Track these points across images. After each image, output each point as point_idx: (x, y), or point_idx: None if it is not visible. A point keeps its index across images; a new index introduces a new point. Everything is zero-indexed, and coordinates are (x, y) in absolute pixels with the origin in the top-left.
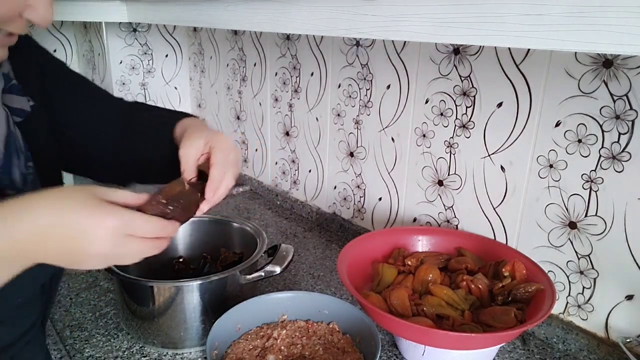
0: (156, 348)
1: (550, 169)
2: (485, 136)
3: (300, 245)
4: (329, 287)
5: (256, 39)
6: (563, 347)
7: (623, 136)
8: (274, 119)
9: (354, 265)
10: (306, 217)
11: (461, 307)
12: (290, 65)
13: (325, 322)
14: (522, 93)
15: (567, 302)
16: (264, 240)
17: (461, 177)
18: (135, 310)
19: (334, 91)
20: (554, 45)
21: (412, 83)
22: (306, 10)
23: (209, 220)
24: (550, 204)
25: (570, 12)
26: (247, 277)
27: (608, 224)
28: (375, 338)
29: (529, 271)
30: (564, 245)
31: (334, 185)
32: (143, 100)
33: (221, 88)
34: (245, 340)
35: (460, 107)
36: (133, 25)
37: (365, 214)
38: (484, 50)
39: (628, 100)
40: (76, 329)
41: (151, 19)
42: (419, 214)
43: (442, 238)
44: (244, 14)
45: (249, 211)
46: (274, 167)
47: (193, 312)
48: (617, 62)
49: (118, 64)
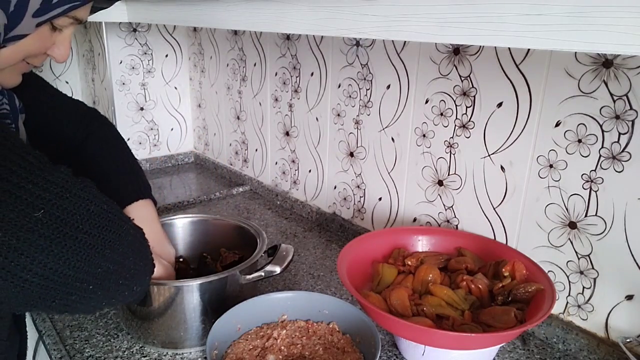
0: (156, 348)
1: (550, 169)
2: (485, 136)
3: (300, 245)
4: (329, 287)
5: (256, 39)
6: (563, 347)
7: (623, 136)
8: (274, 119)
9: (354, 265)
10: (306, 217)
11: (461, 307)
12: (290, 65)
13: (325, 322)
14: (522, 93)
15: (567, 302)
16: (264, 240)
17: (461, 177)
18: (135, 310)
19: (334, 91)
20: (554, 45)
21: (412, 83)
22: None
23: (209, 220)
24: (550, 204)
25: (570, 12)
26: (247, 277)
27: (608, 224)
28: (375, 338)
29: (529, 271)
30: (564, 245)
31: (334, 185)
32: (143, 100)
33: (221, 88)
34: (245, 340)
35: (460, 107)
36: (133, 25)
37: (365, 214)
38: (484, 50)
39: (628, 100)
40: (76, 329)
41: (151, 19)
42: (419, 214)
43: (442, 238)
44: (244, 14)
45: (249, 211)
46: (274, 167)
47: (193, 312)
48: (617, 62)
49: (118, 64)
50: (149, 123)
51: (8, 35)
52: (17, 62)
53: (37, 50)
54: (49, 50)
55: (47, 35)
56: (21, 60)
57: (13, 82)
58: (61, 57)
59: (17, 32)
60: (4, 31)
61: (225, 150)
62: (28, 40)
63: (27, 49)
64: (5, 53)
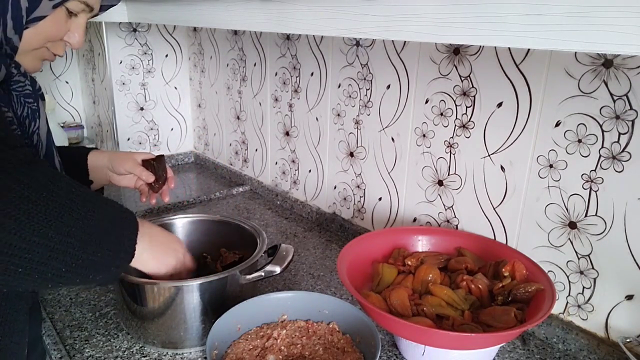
0: (156, 348)
1: (550, 169)
2: (485, 136)
3: (300, 245)
4: (329, 287)
5: (256, 39)
6: (563, 347)
7: (623, 136)
8: (274, 119)
9: (354, 265)
10: (306, 217)
11: (461, 307)
12: (290, 65)
13: (325, 322)
14: (522, 93)
15: (567, 302)
16: (264, 240)
17: (461, 177)
18: (135, 310)
19: (334, 91)
20: (554, 45)
21: (412, 83)
22: (306, 10)
23: (209, 220)
24: (550, 204)
25: (571, 12)
26: (247, 277)
27: (608, 224)
28: (375, 338)
29: (529, 271)
30: (564, 245)
31: (334, 185)
32: (143, 100)
33: (221, 88)
34: (245, 340)
35: (460, 107)
36: (133, 25)
37: (365, 214)
38: (484, 50)
39: (628, 100)
40: (76, 329)
41: (151, 19)
42: (419, 214)
43: (442, 238)
44: (244, 14)
45: (249, 211)
46: (274, 167)
47: (193, 312)
48: (617, 62)
49: (118, 64)
50: (149, 123)
51: (29, 17)
52: (39, 46)
53: (55, 34)
54: (65, 37)
55: (63, 20)
56: (43, 45)
57: (34, 67)
58: (77, 43)
59: (36, 14)
60: (26, 14)
61: (225, 150)
62: (46, 23)
63: (46, 31)
64: (28, 35)
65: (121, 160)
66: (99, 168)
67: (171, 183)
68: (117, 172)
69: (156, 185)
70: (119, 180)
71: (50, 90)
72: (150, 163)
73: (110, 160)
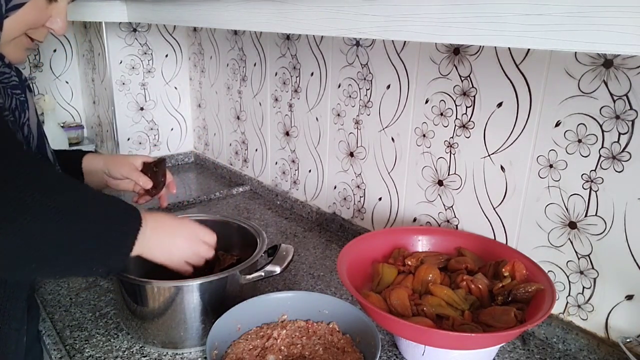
0: (156, 348)
1: (550, 169)
2: (485, 136)
3: (300, 245)
4: (329, 287)
5: (256, 39)
6: (563, 347)
7: (623, 136)
8: (274, 119)
9: (354, 265)
10: (306, 217)
11: (461, 307)
12: (290, 65)
13: (325, 322)
14: (522, 93)
15: (567, 302)
16: (264, 240)
17: (461, 177)
18: (135, 310)
19: (334, 91)
20: (554, 45)
21: (412, 83)
22: (306, 10)
23: (209, 220)
24: (550, 204)
25: (570, 12)
26: (247, 277)
27: (608, 224)
28: (375, 338)
29: (529, 271)
30: (564, 245)
31: (334, 185)
32: (143, 100)
33: (221, 88)
34: (245, 340)
35: (460, 107)
36: (133, 25)
37: (365, 214)
38: (484, 50)
39: (628, 100)
40: (76, 329)
41: (151, 19)
42: (419, 214)
43: (442, 238)
44: (244, 14)
45: (249, 211)
46: (274, 167)
47: (193, 312)
48: (617, 62)
49: (118, 64)
50: (149, 123)
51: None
52: (20, 34)
53: (35, 21)
54: (47, 23)
55: (43, 7)
56: (23, 32)
57: (19, 57)
58: (59, 29)
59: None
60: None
61: (225, 150)
62: (26, 10)
63: (26, 18)
64: (8, 23)
65: (118, 164)
66: (94, 172)
67: (172, 188)
68: (113, 176)
69: (154, 191)
70: (117, 185)
71: (50, 90)
72: (151, 167)
73: (106, 164)
